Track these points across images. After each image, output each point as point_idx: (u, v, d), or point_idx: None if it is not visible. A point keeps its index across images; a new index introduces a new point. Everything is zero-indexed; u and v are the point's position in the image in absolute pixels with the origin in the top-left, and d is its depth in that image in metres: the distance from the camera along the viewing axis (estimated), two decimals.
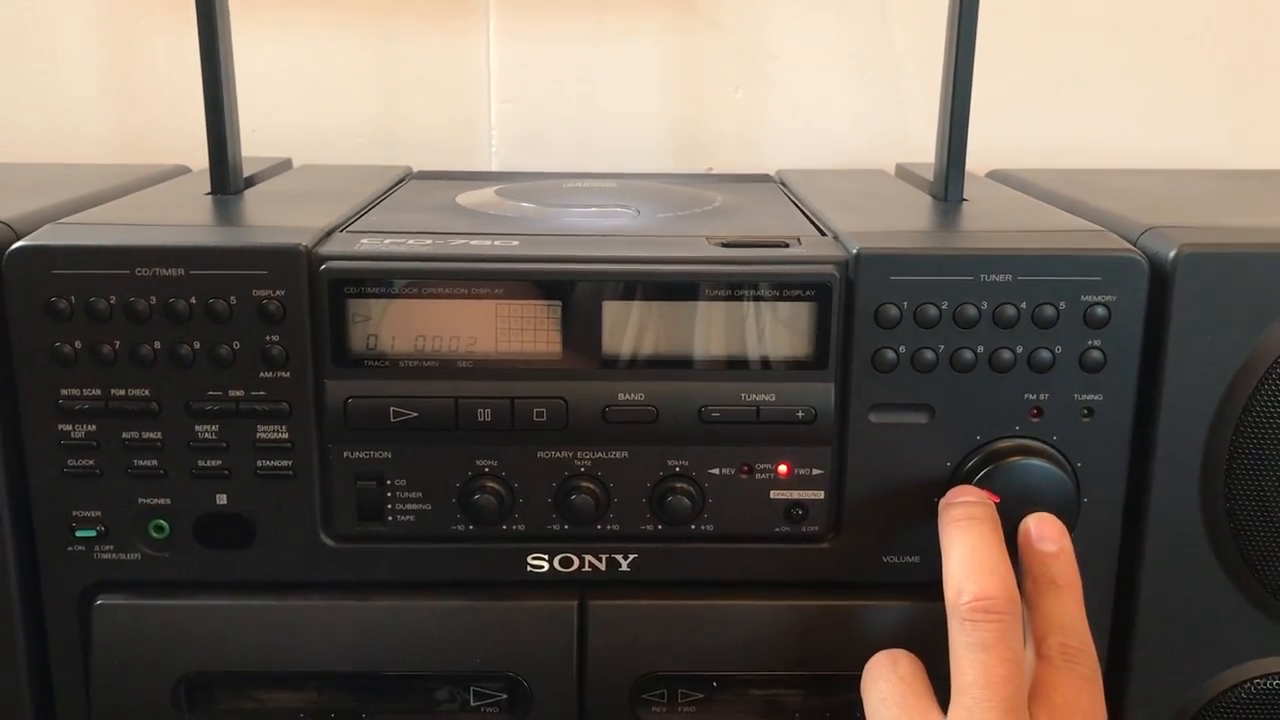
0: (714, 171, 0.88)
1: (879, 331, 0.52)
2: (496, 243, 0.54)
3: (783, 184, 0.76)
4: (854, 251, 0.52)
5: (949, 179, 0.64)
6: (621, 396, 0.53)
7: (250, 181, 0.69)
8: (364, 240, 0.54)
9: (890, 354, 0.52)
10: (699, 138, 0.89)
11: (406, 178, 0.76)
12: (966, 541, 0.48)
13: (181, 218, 0.58)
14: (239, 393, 0.53)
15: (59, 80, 0.86)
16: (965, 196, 0.64)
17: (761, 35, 0.87)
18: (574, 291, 0.52)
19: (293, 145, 0.87)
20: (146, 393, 0.52)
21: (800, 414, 0.53)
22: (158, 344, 0.52)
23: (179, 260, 0.51)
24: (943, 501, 0.51)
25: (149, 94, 0.86)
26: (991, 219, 0.61)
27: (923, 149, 0.86)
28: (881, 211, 0.64)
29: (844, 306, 0.52)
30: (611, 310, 0.52)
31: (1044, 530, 0.50)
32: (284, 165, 0.79)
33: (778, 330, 0.52)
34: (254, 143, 0.86)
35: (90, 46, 0.86)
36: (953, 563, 0.48)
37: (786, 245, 0.54)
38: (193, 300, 0.51)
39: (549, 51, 0.87)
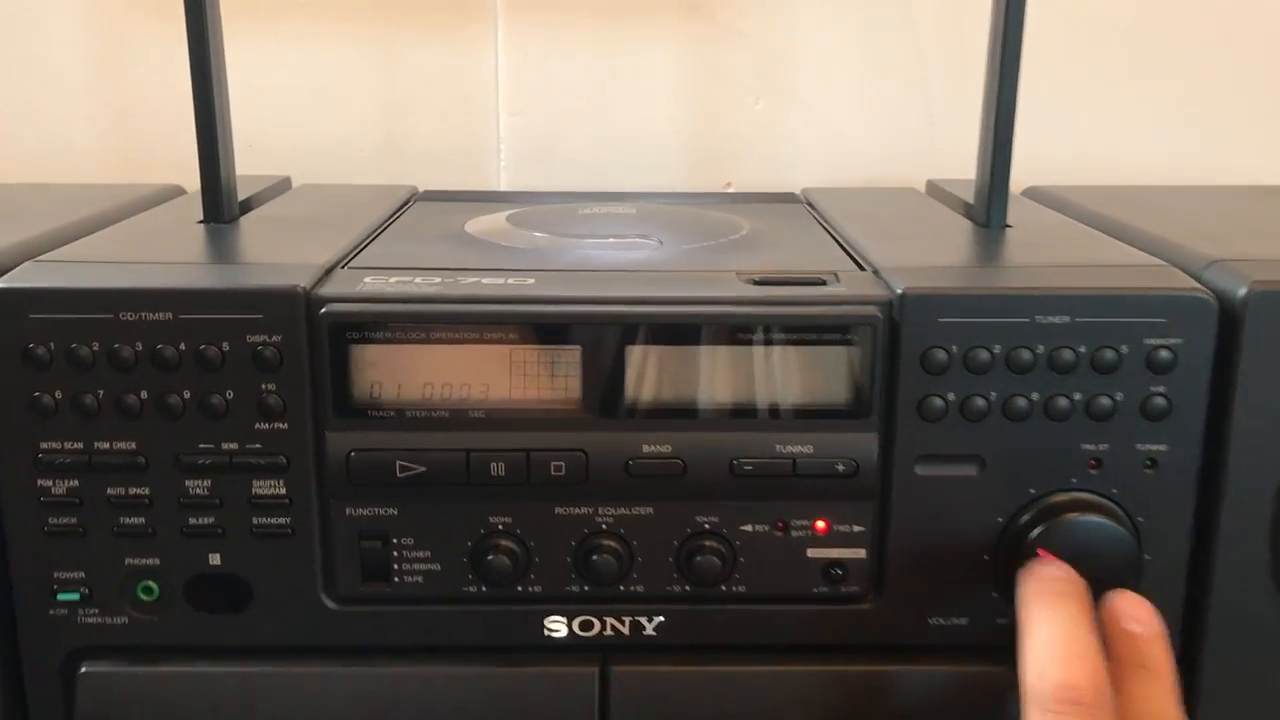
0: (732, 188, 0.84)
1: (926, 377, 0.48)
2: (510, 281, 0.50)
3: (810, 205, 0.72)
4: (898, 291, 0.48)
5: (991, 203, 0.60)
6: (646, 448, 0.49)
7: (246, 206, 0.65)
8: (367, 279, 0.50)
9: (938, 401, 0.48)
10: (717, 152, 0.85)
11: (412, 199, 0.72)
12: (1053, 620, 0.44)
13: (170, 253, 0.54)
14: (232, 445, 0.49)
15: (46, 92, 0.82)
16: (1008, 222, 0.60)
17: (783, 44, 0.83)
18: (595, 335, 0.48)
19: (292, 160, 0.83)
20: (133, 446, 0.49)
21: (840, 467, 0.49)
22: (144, 393, 0.48)
23: (167, 303, 0.47)
24: (1024, 572, 0.47)
25: (141, 107, 0.82)
26: (1041, 250, 0.56)
27: (953, 164, 0.82)
28: (920, 239, 0.60)
29: (888, 350, 0.48)
30: (635, 355, 0.48)
31: (1132, 609, 0.46)
32: (282, 185, 0.75)
33: (816, 376, 0.48)
34: (251, 159, 0.82)
35: (78, 56, 0.82)
36: (1035, 642, 0.43)
37: (823, 282, 0.50)
38: (182, 346, 0.48)
39: (560, 62, 0.83)
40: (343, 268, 0.52)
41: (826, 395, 0.49)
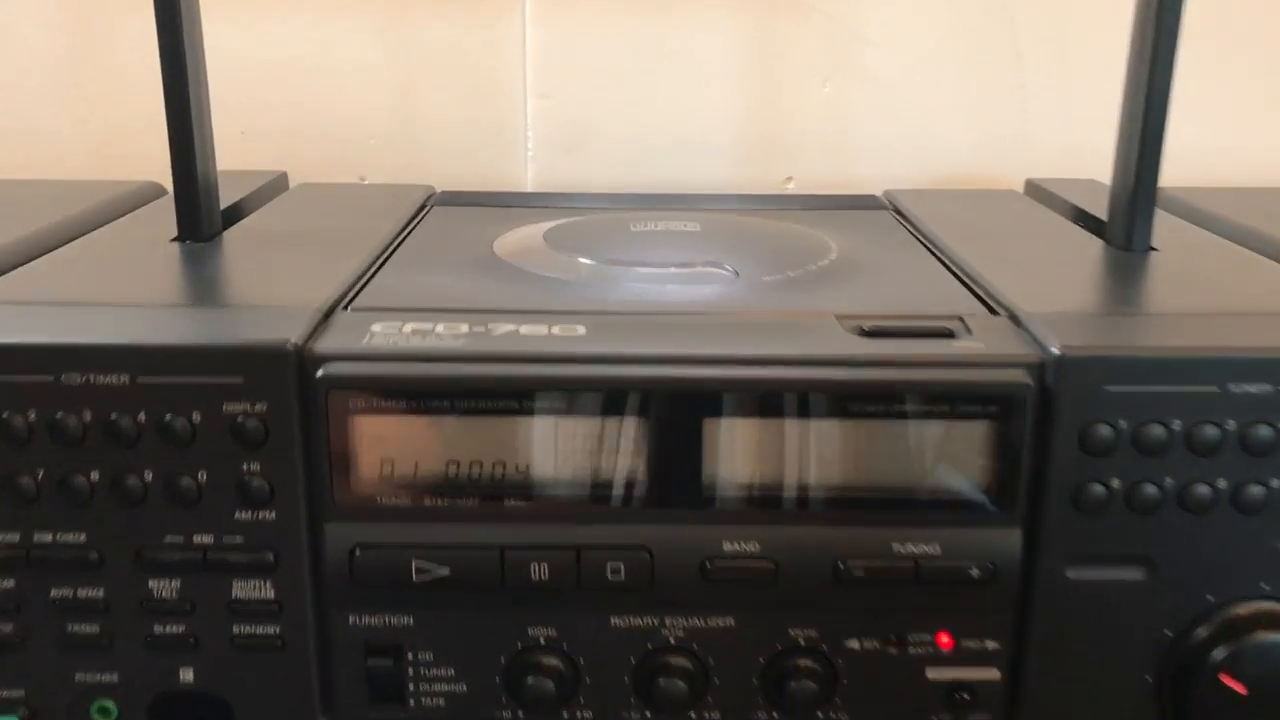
0: (793, 184, 0.74)
1: (1085, 459, 0.38)
2: (555, 330, 0.40)
3: (897, 211, 0.61)
4: (1053, 350, 0.38)
5: (1134, 223, 0.49)
6: (727, 546, 0.39)
7: (234, 214, 0.55)
8: (376, 326, 0.40)
9: (1099, 489, 0.38)
10: (777, 141, 0.74)
11: (429, 203, 0.61)
12: None
13: (130, 289, 0.44)
14: (207, 538, 0.39)
15: (11, 72, 0.72)
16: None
17: (856, 17, 0.72)
18: (664, 404, 0.38)
19: (290, 149, 0.73)
20: (83, 538, 0.39)
21: (974, 570, 0.38)
22: (96, 474, 0.38)
23: (121, 363, 0.37)
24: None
25: (117, 89, 0.72)
26: (1211, 287, 0.46)
27: (1049, 159, 0.72)
28: (1050, 266, 0.49)
29: (1038, 425, 0.38)
30: (715, 430, 0.38)
31: None
32: (278, 184, 0.64)
33: (945, 457, 0.38)
34: (243, 148, 0.72)
35: (46, 30, 0.71)
36: None
37: (951, 334, 0.40)
38: (142, 416, 0.38)
39: (596, 36, 0.72)
40: (345, 308, 0.42)
41: (958, 481, 0.38)
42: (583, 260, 0.47)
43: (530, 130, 0.74)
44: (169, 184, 0.54)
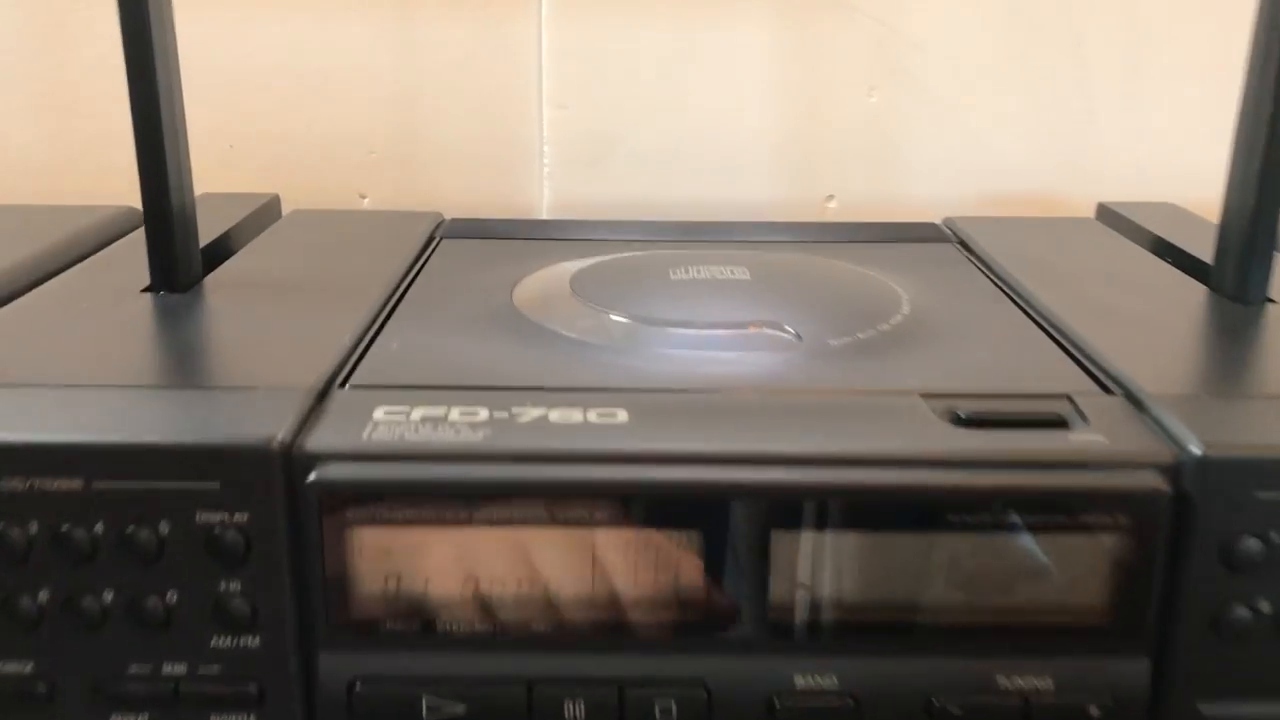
0: (835, 203, 0.67)
1: (1228, 577, 0.32)
2: (592, 416, 0.33)
3: (962, 244, 0.55)
4: (1195, 451, 0.31)
5: (1250, 271, 0.43)
6: (800, 681, 0.32)
7: (217, 253, 0.49)
8: (379, 414, 0.33)
9: (1244, 613, 0.32)
10: (817, 156, 0.67)
11: (436, 234, 0.55)
12: None
13: (87, 366, 0.37)
14: (178, 668, 0.33)
15: None
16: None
17: (904, 19, 0.65)
18: (724, 513, 0.31)
19: (283, 166, 0.66)
20: (30, 667, 0.33)
21: (1094, 709, 0.32)
22: (45, 594, 0.32)
23: (73, 465, 0.31)
24: None
25: (89, 99, 0.65)
26: None
27: (1120, 180, 0.65)
28: (1155, 322, 0.43)
29: (1171, 539, 0.31)
30: (785, 543, 0.32)
31: None
32: (269, 210, 0.58)
33: (1059, 575, 0.32)
34: (231, 164, 0.66)
35: (9, 36, 0.65)
36: None
37: (1063, 422, 0.33)
38: (99, 528, 0.31)
39: (620, 39, 0.65)
40: (343, 386, 0.36)
41: (1075, 604, 0.32)
42: (616, 318, 0.41)
43: (546, 143, 0.67)
44: None
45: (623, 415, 0.34)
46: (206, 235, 0.50)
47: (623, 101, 0.66)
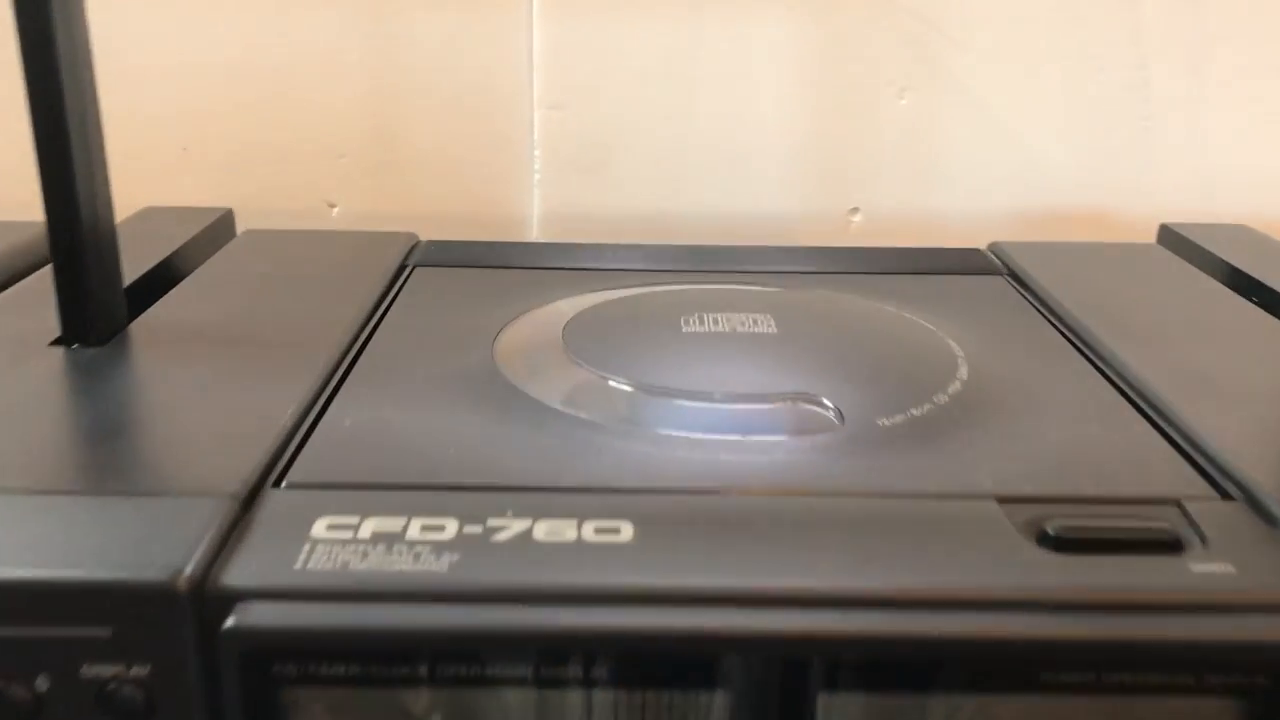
0: (860, 215, 0.60)
1: None
2: (588, 532, 0.26)
3: (1011, 274, 0.48)
4: None
5: None
6: None
7: (150, 288, 0.41)
8: (320, 529, 0.26)
9: None
10: (840, 164, 0.60)
11: (408, 263, 0.48)
12: None
13: None
14: None
15: None
16: None
17: (940, 13, 0.58)
18: (758, 673, 0.25)
19: (243, 171, 0.59)
20: None
21: None
22: None
23: None
24: None
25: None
26: None
27: (1179, 194, 0.58)
28: (1261, 383, 0.36)
29: None
30: (837, 708, 0.25)
31: None
32: (219, 229, 0.51)
33: None
34: (185, 170, 0.58)
35: None
36: None
37: (1177, 544, 0.27)
38: None
39: (620, 33, 0.58)
40: (278, 484, 0.29)
41: None
42: (617, 386, 0.34)
43: (538, 148, 0.60)
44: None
45: (627, 531, 0.27)
46: (142, 263, 0.43)
47: (623, 102, 0.59)
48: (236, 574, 0.25)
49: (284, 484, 0.29)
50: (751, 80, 0.59)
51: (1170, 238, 0.52)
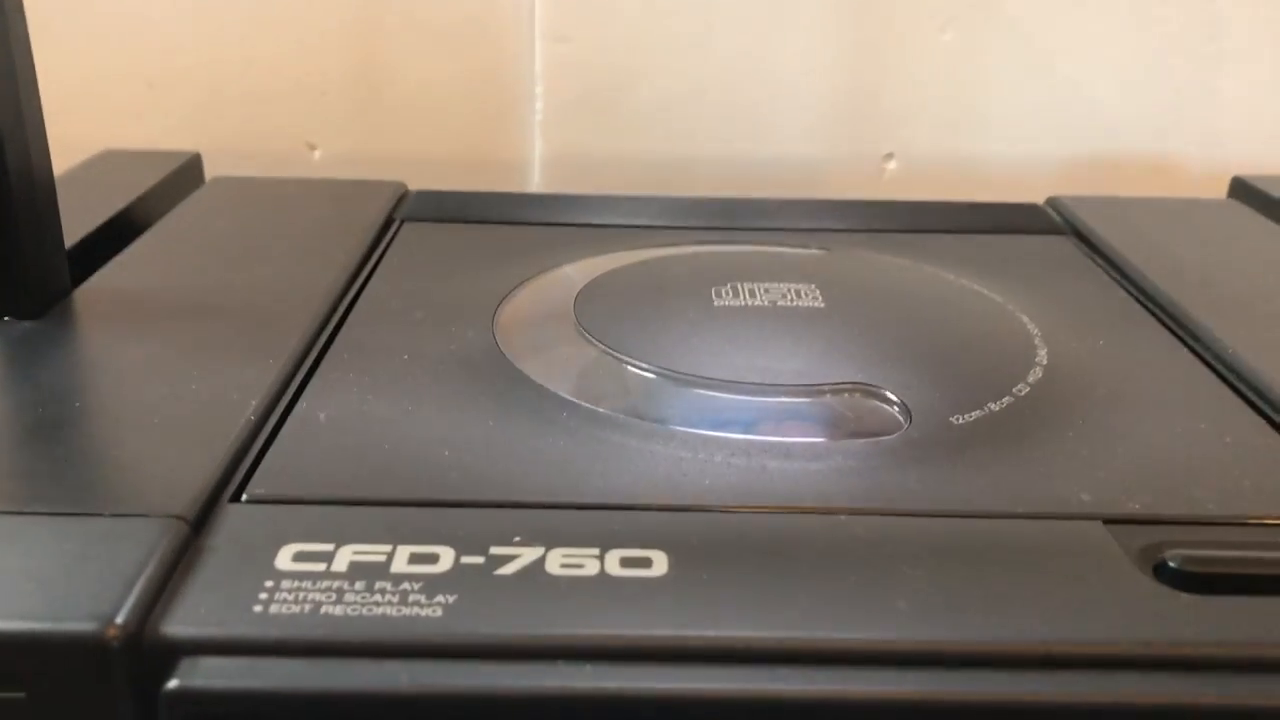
0: (894, 162, 0.55)
1: None
2: (612, 564, 0.22)
3: (1077, 234, 0.42)
4: None
5: None
6: None
7: (102, 247, 0.36)
8: (285, 560, 0.22)
9: None
10: (875, 105, 0.55)
11: (395, 216, 0.42)
12: None
13: None
14: None
15: None
16: None
17: None
18: None
19: (215, 110, 0.54)
20: None
21: None
22: None
23: None
24: None
25: None
26: None
27: (1245, 140, 0.53)
28: None
29: None
30: None
31: None
32: (185, 176, 0.45)
33: None
34: (150, 110, 0.53)
35: None
36: None
37: None
38: None
39: None
40: (238, 497, 0.24)
41: None
42: (641, 372, 0.29)
43: (540, 84, 0.54)
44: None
45: (660, 563, 0.22)
46: (92, 217, 0.38)
47: (635, 35, 0.54)
48: (182, 621, 0.20)
49: (244, 497, 0.24)
50: (776, 10, 0.53)
51: (1244, 191, 0.47)
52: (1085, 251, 0.40)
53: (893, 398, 0.28)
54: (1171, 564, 0.22)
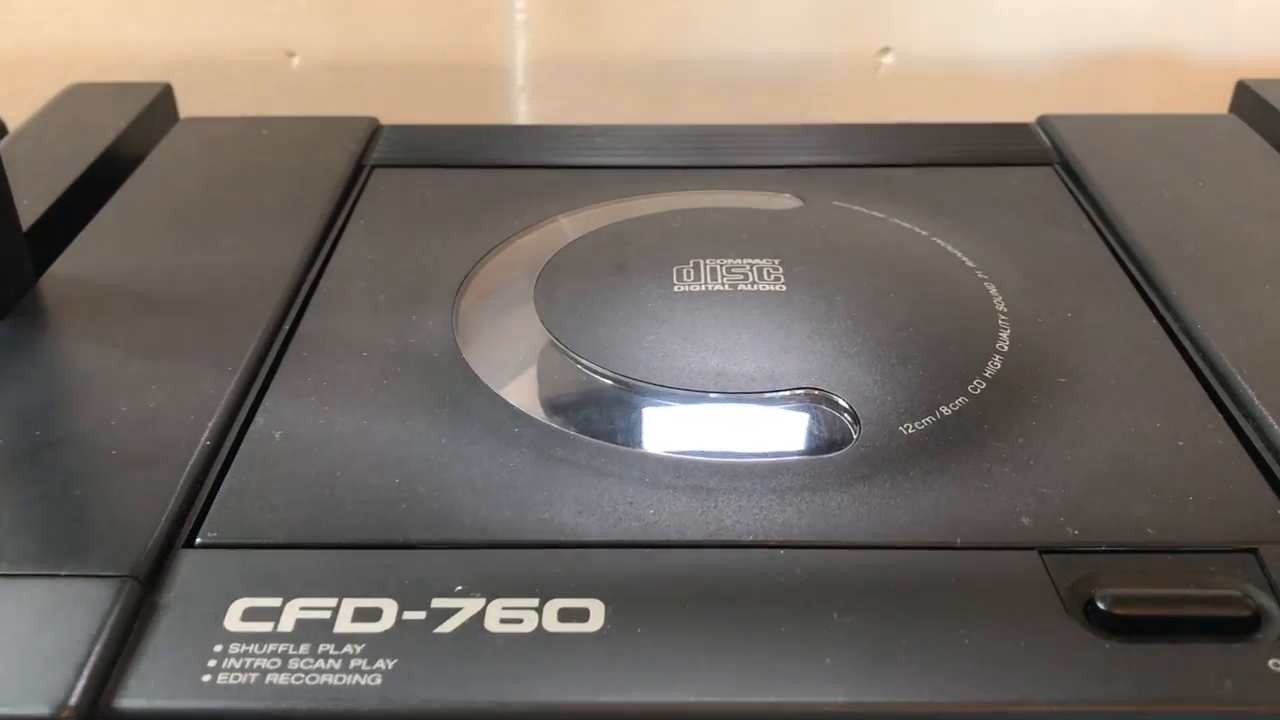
0: (891, 56, 0.53)
1: None
2: (551, 618, 0.22)
3: (1063, 164, 0.41)
4: None
5: None
6: None
7: (88, 187, 0.36)
8: (234, 620, 0.22)
9: None
10: None
11: (366, 160, 0.42)
12: None
13: None
14: None
15: None
16: None
17: None
18: None
19: (188, 16, 0.52)
20: None
21: None
22: None
23: None
24: None
25: None
26: None
27: (1266, 39, 0.50)
28: None
29: None
30: None
31: None
32: (157, 112, 0.44)
33: None
34: (120, 12, 0.52)
35: None
36: None
37: (1253, 624, 0.23)
38: None
39: None
40: (191, 542, 0.25)
41: None
42: (592, 376, 0.29)
43: None
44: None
45: (597, 615, 0.23)
46: (63, 176, 0.37)
47: None
48: (134, 695, 0.21)
49: (197, 541, 0.25)
50: None
51: (1248, 100, 0.45)
52: (1069, 187, 0.39)
53: (844, 404, 0.28)
54: (1100, 604, 0.23)
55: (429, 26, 0.53)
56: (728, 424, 0.28)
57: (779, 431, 0.28)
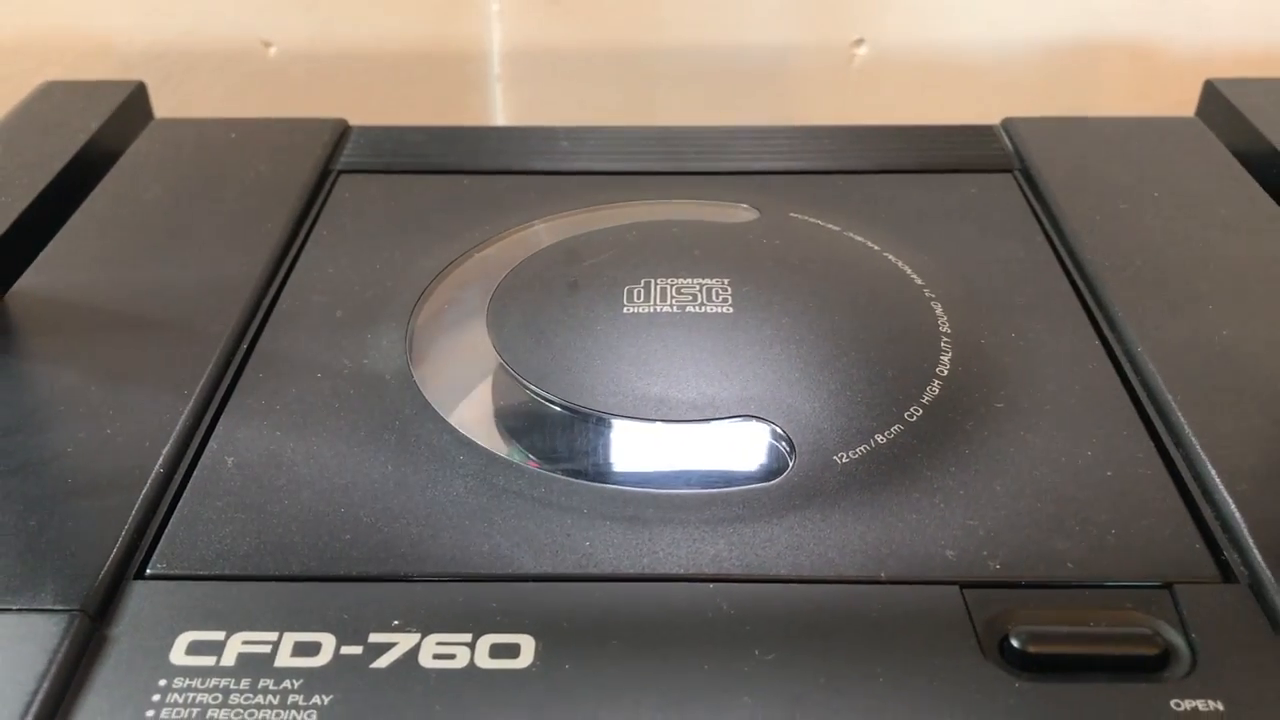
0: (865, 47, 0.53)
1: None
2: (484, 654, 0.23)
3: (1024, 171, 0.41)
4: None
5: None
6: None
7: (61, 191, 0.37)
8: (179, 654, 0.24)
9: None
10: None
11: (333, 165, 0.42)
12: None
13: None
14: None
15: None
16: None
17: None
18: None
19: (166, 6, 0.52)
20: None
21: None
22: None
23: None
24: None
25: None
26: None
27: (1241, 30, 0.50)
28: None
29: None
30: None
31: None
32: (131, 111, 0.45)
33: None
34: (103, 8, 0.52)
35: None
36: None
37: (1160, 663, 0.24)
38: None
39: None
40: (139, 576, 0.25)
41: None
42: (538, 402, 0.30)
43: None
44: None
45: (527, 650, 0.23)
46: (31, 185, 0.38)
47: None
48: None
49: (148, 572, 0.25)
50: None
51: (1214, 101, 0.45)
52: (1027, 195, 0.40)
53: (781, 432, 0.28)
54: (1014, 642, 0.23)
55: (406, 16, 0.53)
56: (668, 452, 0.29)
57: (717, 460, 0.29)
